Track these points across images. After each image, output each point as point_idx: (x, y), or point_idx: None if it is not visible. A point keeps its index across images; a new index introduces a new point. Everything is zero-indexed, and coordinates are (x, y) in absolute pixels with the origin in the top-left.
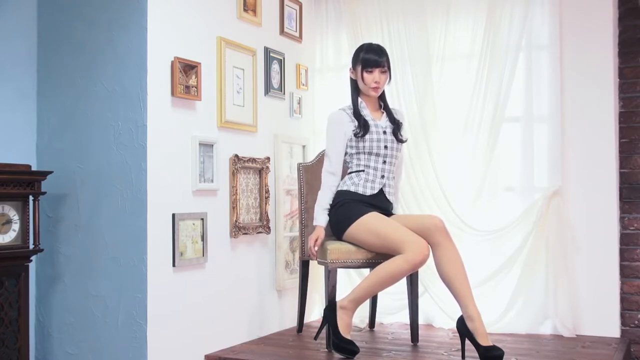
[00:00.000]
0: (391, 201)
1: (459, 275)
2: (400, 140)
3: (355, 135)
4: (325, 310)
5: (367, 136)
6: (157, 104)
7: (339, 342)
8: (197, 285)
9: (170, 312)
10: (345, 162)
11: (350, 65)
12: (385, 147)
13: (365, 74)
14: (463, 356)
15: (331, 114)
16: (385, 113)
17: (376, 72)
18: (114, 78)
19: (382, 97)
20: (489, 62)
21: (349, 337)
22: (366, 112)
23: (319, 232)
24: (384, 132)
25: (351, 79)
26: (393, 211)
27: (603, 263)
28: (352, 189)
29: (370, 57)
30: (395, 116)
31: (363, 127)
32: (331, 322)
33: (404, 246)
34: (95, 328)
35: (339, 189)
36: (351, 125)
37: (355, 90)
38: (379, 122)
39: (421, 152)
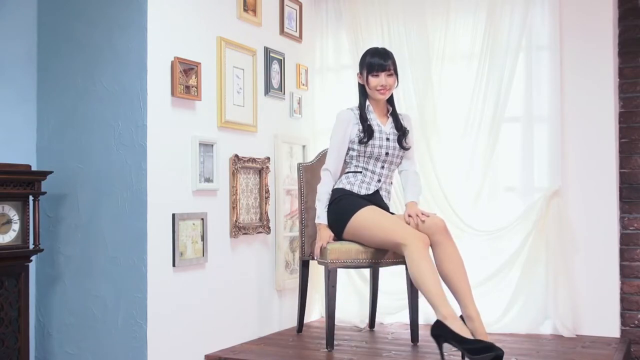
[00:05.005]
0: (387, 204)
1: (459, 275)
2: (403, 148)
3: (360, 141)
4: (433, 331)
5: (370, 142)
6: (157, 104)
7: (472, 346)
8: (197, 285)
9: (170, 312)
10: (345, 161)
11: (356, 70)
12: (387, 153)
13: (370, 78)
14: (463, 357)
15: (340, 112)
16: (391, 118)
17: (382, 76)
18: (114, 78)
19: (390, 102)
20: (489, 62)
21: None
22: (372, 116)
23: (328, 233)
24: (387, 139)
25: (359, 83)
26: (411, 198)
27: (603, 263)
28: (348, 187)
29: (375, 61)
30: (402, 122)
31: (367, 132)
32: (449, 336)
33: (403, 240)
34: (95, 328)
35: (335, 186)
36: (356, 127)
37: (363, 94)
38: (383, 128)
39: (421, 152)
